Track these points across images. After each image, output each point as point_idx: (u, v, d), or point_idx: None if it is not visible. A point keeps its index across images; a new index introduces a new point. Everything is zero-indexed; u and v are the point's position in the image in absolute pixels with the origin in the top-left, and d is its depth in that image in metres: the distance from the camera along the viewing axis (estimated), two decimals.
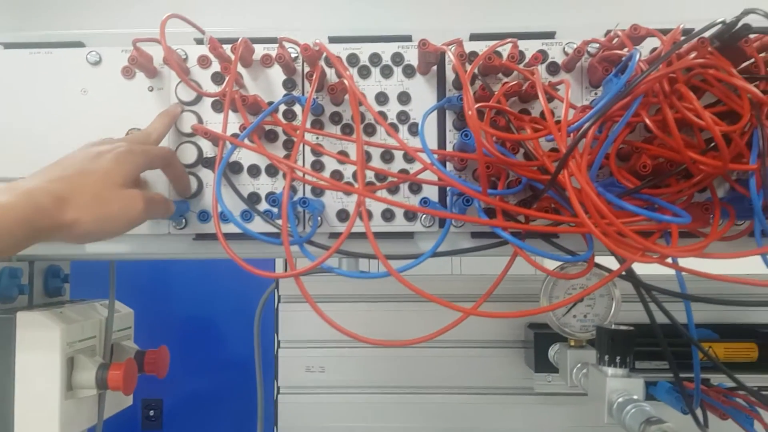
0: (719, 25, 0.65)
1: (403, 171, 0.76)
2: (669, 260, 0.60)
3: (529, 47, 0.76)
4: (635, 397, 0.62)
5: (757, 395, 0.75)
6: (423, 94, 0.77)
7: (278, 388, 0.98)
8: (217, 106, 0.77)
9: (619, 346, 0.65)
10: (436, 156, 0.66)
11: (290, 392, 0.98)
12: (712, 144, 0.65)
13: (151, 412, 2.09)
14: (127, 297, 1.08)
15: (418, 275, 0.92)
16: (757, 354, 0.88)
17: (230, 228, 0.73)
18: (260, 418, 1.01)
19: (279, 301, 0.98)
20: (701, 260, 0.62)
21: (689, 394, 0.78)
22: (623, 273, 0.64)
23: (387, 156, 0.77)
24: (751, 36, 0.65)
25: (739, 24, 0.63)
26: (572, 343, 0.78)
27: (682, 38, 0.62)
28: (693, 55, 0.64)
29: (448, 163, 0.77)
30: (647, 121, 0.62)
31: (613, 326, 0.68)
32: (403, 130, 0.77)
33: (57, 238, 0.59)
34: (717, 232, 0.61)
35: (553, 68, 0.76)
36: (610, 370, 0.65)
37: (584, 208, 0.57)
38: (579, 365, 0.75)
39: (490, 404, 0.96)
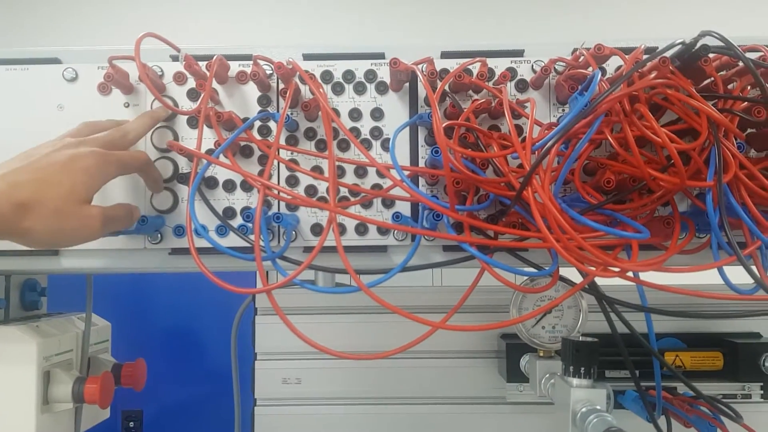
0: (679, 46, 0.67)
1: (376, 186, 0.78)
2: (630, 274, 0.62)
3: (499, 65, 0.79)
4: (598, 407, 0.64)
5: (716, 403, 0.77)
6: (395, 111, 0.79)
7: (255, 400, 0.98)
8: (193, 123, 0.78)
9: (584, 357, 0.67)
10: (406, 172, 0.68)
11: (267, 404, 0.99)
12: (672, 161, 0.67)
13: (131, 424, 2.08)
14: (106, 310, 1.09)
15: (398, 287, 0.94)
16: (723, 363, 0.90)
17: (206, 242, 0.74)
18: (237, 430, 1.02)
19: (256, 314, 0.99)
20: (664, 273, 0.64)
21: (652, 402, 0.80)
22: (586, 286, 0.65)
23: (360, 171, 0.78)
24: (710, 56, 0.68)
25: (698, 45, 0.66)
26: (541, 354, 0.80)
27: (644, 58, 0.64)
28: (654, 74, 0.66)
29: (420, 179, 0.79)
30: (610, 138, 0.64)
31: (579, 337, 0.70)
32: (377, 145, 0.79)
33: (6, 239, 0.60)
34: (676, 246, 0.63)
35: (522, 86, 0.79)
36: (575, 381, 0.67)
37: (547, 224, 0.59)
38: (547, 375, 0.76)
39: (465, 414, 0.97)
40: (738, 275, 0.66)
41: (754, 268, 0.65)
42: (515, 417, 0.96)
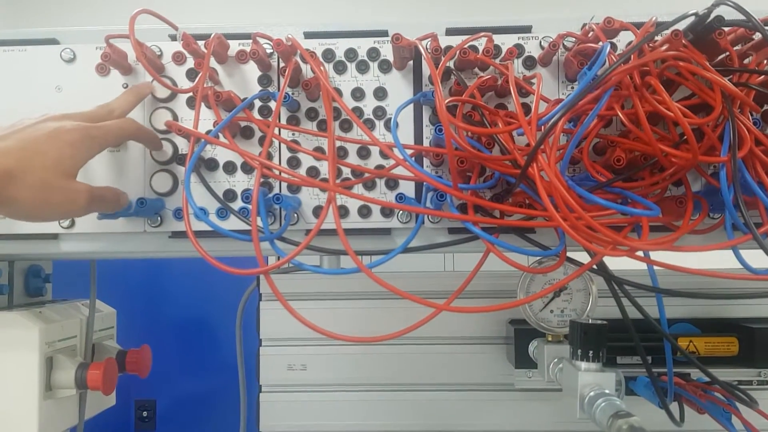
0: (692, 18, 0.65)
1: (380, 166, 0.76)
2: (640, 254, 0.60)
3: (506, 41, 0.76)
4: (607, 391, 0.62)
5: (731, 389, 0.75)
6: (399, 90, 0.77)
7: (260, 386, 0.97)
8: (192, 103, 0.76)
9: (592, 340, 0.65)
10: (408, 151, 0.66)
11: (272, 390, 0.98)
12: (685, 137, 0.65)
13: (145, 413, 2.09)
14: (115, 298, 1.08)
15: (406, 272, 0.92)
16: (738, 348, 0.88)
17: (205, 225, 0.73)
18: (243, 416, 1.01)
19: (260, 299, 0.98)
20: (681, 253, 0.62)
21: (664, 388, 0.78)
22: (595, 267, 0.63)
23: (363, 152, 0.76)
24: (725, 29, 0.65)
25: (711, 16, 0.63)
26: (550, 338, 0.78)
27: (653, 30, 0.62)
28: (665, 47, 0.63)
29: (425, 159, 0.77)
30: (620, 114, 0.62)
31: (588, 321, 0.68)
32: (380, 125, 0.77)
33: None
34: (688, 225, 0.61)
35: (530, 62, 0.76)
36: (583, 365, 0.65)
37: (554, 203, 0.56)
38: (555, 360, 0.74)
39: (472, 400, 0.96)
40: (752, 257, 0.63)
41: None
42: (524, 404, 0.94)
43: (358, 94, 0.77)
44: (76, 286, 1.08)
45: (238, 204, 0.76)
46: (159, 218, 0.76)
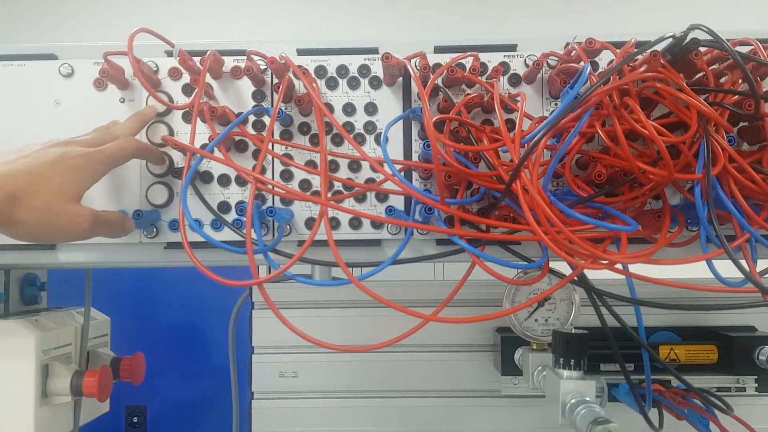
0: (669, 39, 0.67)
1: (370, 179, 0.78)
2: (619, 266, 0.62)
3: (492, 59, 0.79)
4: (587, 398, 0.64)
5: (705, 395, 0.78)
6: (389, 105, 0.79)
7: (252, 393, 0.99)
8: (188, 118, 0.79)
9: (574, 349, 0.67)
10: (397, 167, 0.68)
11: (264, 397, 0.99)
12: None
13: (135, 419, 2.10)
14: (108, 307, 1.10)
15: (395, 281, 0.94)
16: (717, 356, 0.91)
17: (200, 236, 0.75)
18: (235, 423, 1.03)
19: (253, 308, 1.00)
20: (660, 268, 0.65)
21: (644, 395, 0.80)
22: (576, 278, 0.66)
23: (354, 165, 0.79)
24: (702, 49, 0.68)
25: (688, 38, 0.66)
26: (534, 347, 0.80)
27: (632, 52, 0.65)
28: (644, 67, 0.66)
29: (414, 173, 0.79)
30: (600, 131, 0.65)
31: (571, 330, 0.70)
32: (370, 139, 0.79)
33: None
34: (665, 238, 0.63)
35: (515, 80, 0.79)
36: (566, 373, 0.67)
37: (537, 217, 0.59)
38: (540, 368, 0.77)
39: (461, 407, 0.98)
40: (730, 269, 0.66)
41: (744, 261, 0.65)
42: (510, 410, 0.97)
43: (349, 109, 0.79)
44: (70, 294, 1.09)
45: (231, 216, 0.78)
46: (155, 229, 0.78)
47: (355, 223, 0.78)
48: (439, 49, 0.80)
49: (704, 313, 0.96)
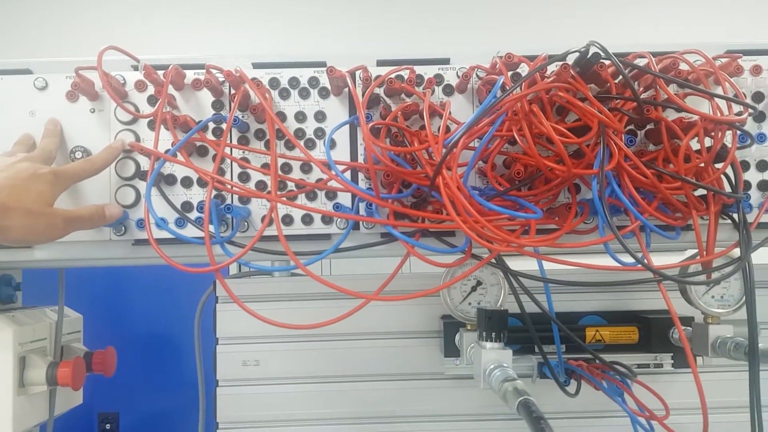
0: (576, 54, 0.77)
1: (320, 180, 0.87)
2: (531, 250, 0.72)
3: (428, 71, 0.88)
4: (505, 365, 0.73)
5: (610, 364, 0.88)
6: (337, 113, 0.88)
7: (217, 381, 1.07)
8: (153, 126, 0.87)
9: (495, 323, 0.76)
10: (340, 167, 0.77)
11: (228, 385, 1.07)
12: (572, 152, 0.78)
13: (108, 426, 2.14)
14: (81, 308, 1.16)
15: (365, 274, 1.02)
16: (638, 336, 1.01)
17: (165, 234, 0.83)
18: (201, 410, 1.10)
19: (217, 302, 1.08)
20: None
21: (571, 369, 0.90)
22: (494, 261, 0.75)
23: (306, 167, 0.87)
24: (606, 62, 0.78)
25: (590, 53, 0.76)
26: (469, 327, 0.89)
27: (540, 64, 0.75)
28: (552, 78, 0.76)
29: (360, 173, 0.88)
30: (515, 135, 0.74)
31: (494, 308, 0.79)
32: (320, 144, 0.88)
33: None
34: (570, 225, 0.73)
35: (448, 90, 0.88)
36: (488, 344, 0.76)
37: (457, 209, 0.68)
38: (472, 345, 0.86)
39: (410, 389, 1.06)
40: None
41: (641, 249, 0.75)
42: (454, 390, 1.06)
43: (300, 117, 0.88)
44: (43, 295, 1.15)
45: (194, 214, 0.86)
46: (123, 228, 0.86)
47: (307, 219, 0.87)
48: (381, 63, 0.90)
49: (629, 299, 1.06)
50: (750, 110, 0.75)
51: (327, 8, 2.35)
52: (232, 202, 0.87)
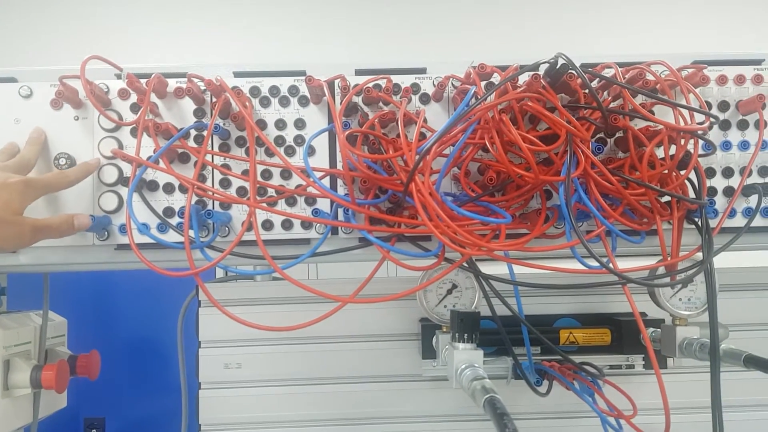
0: (545, 65, 0.80)
1: (300, 186, 0.89)
2: (501, 254, 0.75)
3: (405, 81, 0.91)
4: (476, 365, 0.76)
5: (578, 365, 0.91)
6: (316, 121, 0.91)
7: (199, 384, 1.09)
8: (135, 133, 0.88)
9: (467, 325, 0.79)
10: (318, 174, 0.80)
11: (210, 387, 1.09)
12: (542, 159, 0.80)
13: (94, 430, 2.14)
14: (66, 314, 1.18)
15: (347, 278, 1.04)
16: (610, 338, 1.03)
17: (147, 239, 0.84)
18: (184, 412, 1.12)
19: (199, 306, 1.10)
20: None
21: (542, 370, 0.93)
22: (465, 264, 0.78)
23: (286, 174, 0.89)
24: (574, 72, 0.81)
25: (559, 64, 0.79)
26: (444, 330, 0.92)
27: (512, 74, 0.77)
28: (522, 88, 0.79)
29: (339, 180, 0.90)
30: (486, 142, 0.77)
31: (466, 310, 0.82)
32: (300, 151, 0.90)
33: None
34: (539, 229, 0.76)
35: (425, 98, 0.91)
36: (461, 345, 0.79)
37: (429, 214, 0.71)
38: (447, 346, 0.88)
39: (389, 390, 1.09)
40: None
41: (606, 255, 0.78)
42: (431, 391, 1.08)
43: (280, 124, 0.90)
44: (28, 300, 1.17)
45: (176, 220, 0.88)
46: (106, 233, 0.88)
47: (287, 224, 0.89)
48: (359, 72, 0.92)
49: (602, 302, 1.09)
50: (711, 119, 0.78)
51: (308, 18, 2.43)
52: (213, 207, 0.89)
